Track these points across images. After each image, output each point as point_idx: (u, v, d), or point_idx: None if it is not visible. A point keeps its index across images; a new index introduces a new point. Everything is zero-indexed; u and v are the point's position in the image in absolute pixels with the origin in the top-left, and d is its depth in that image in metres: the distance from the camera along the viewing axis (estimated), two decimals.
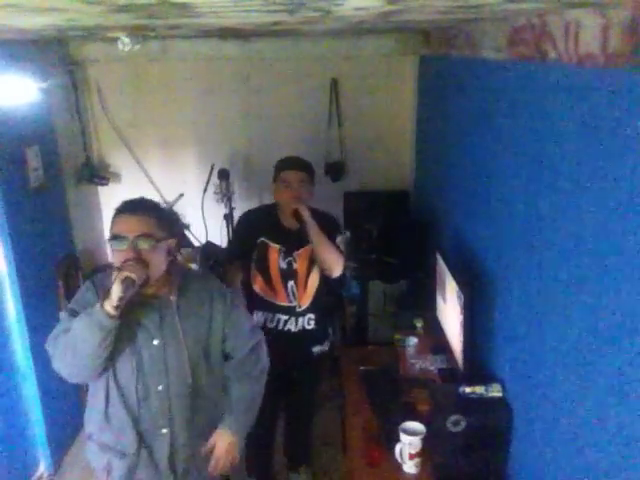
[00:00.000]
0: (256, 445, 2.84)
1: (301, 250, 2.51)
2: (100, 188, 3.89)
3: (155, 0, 1.09)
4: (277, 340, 2.51)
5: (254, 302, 2.56)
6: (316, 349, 2.63)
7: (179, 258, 3.65)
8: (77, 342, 1.66)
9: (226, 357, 1.97)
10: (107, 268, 1.90)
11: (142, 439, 1.82)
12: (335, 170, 3.83)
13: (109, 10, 1.28)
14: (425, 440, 1.99)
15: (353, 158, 3.90)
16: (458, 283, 2.18)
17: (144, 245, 1.68)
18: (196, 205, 3.71)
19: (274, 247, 2.50)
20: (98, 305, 1.63)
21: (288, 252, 2.50)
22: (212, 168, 3.67)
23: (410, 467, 2.00)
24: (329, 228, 2.49)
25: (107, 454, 1.84)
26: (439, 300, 2.59)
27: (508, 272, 2.03)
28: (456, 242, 2.76)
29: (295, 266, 2.51)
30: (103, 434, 1.84)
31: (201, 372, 1.86)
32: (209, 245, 3.77)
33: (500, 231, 2.11)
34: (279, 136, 3.79)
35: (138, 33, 2.43)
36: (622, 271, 1.27)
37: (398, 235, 3.41)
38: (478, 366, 2.24)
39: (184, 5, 1.20)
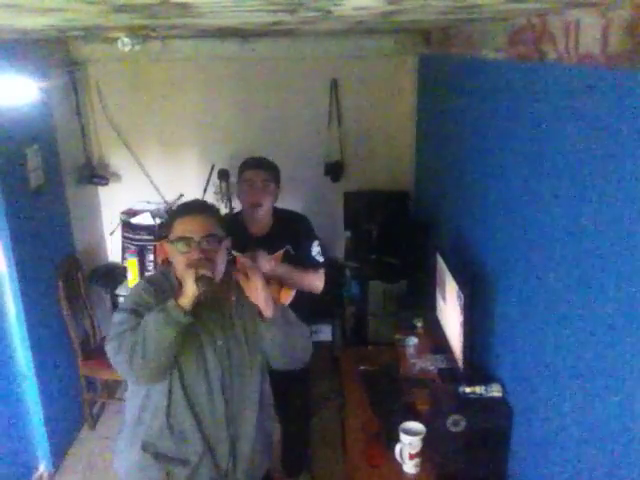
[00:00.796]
0: None
1: (270, 257, 2.35)
2: (100, 188, 3.89)
3: (155, 0, 1.09)
4: None
5: None
6: None
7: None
8: (150, 339, 1.60)
9: None
10: (161, 269, 1.90)
11: (207, 445, 1.75)
12: (335, 170, 3.83)
13: (109, 10, 1.28)
14: (425, 440, 1.99)
15: (353, 158, 3.90)
16: (458, 283, 2.18)
17: (211, 245, 1.70)
18: None
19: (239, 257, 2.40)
20: (172, 302, 1.60)
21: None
22: (212, 168, 3.67)
23: (410, 467, 2.00)
24: (304, 235, 2.42)
25: (166, 464, 1.76)
26: (439, 300, 2.59)
27: (508, 272, 2.03)
28: (456, 242, 2.76)
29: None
30: (163, 443, 1.75)
31: (263, 374, 1.85)
32: None
33: (500, 231, 2.11)
34: (279, 136, 3.79)
35: (138, 33, 2.44)
36: (622, 271, 1.27)
37: (398, 235, 3.41)
38: (478, 366, 2.23)
39: (184, 5, 1.20)
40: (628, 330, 1.25)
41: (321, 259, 2.49)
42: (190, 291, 1.60)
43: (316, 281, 2.44)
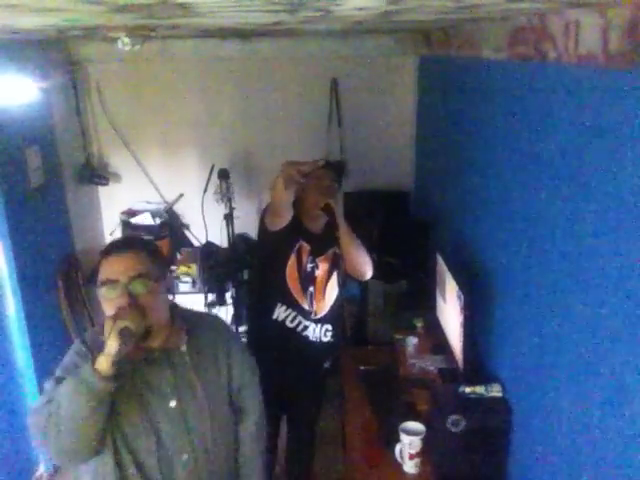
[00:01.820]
0: None
1: (323, 256, 2.44)
2: (100, 188, 3.89)
3: (155, 0, 1.09)
4: (292, 342, 2.44)
5: (282, 295, 2.41)
6: (326, 365, 2.56)
7: (179, 258, 3.63)
8: (63, 412, 1.35)
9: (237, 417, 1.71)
10: (96, 325, 1.64)
11: None
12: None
13: (109, 10, 1.28)
14: (425, 440, 1.99)
15: (353, 158, 3.90)
16: (458, 283, 2.18)
17: (140, 288, 1.43)
18: (196, 205, 3.71)
19: (306, 248, 2.41)
20: (88, 366, 1.35)
21: (313, 257, 2.43)
22: (212, 168, 3.67)
23: (410, 467, 1.99)
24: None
25: None
26: (439, 300, 2.59)
27: (508, 272, 2.03)
28: (456, 242, 2.76)
29: (316, 272, 2.43)
30: None
31: (228, 434, 1.64)
32: (209, 245, 3.78)
33: (500, 231, 2.11)
34: (279, 136, 3.79)
35: (138, 33, 2.43)
36: (622, 271, 1.27)
37: (398, 235, 3.41)
38: (478, 366, 2.23)
39: (184, 5, 1.20)
40: (628, 330, 1.25)
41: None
42: (110, 349, 1.33)
43: (369, 261, 2.46)
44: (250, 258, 3.59)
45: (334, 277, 2.49)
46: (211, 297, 3.73)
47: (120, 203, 3.90)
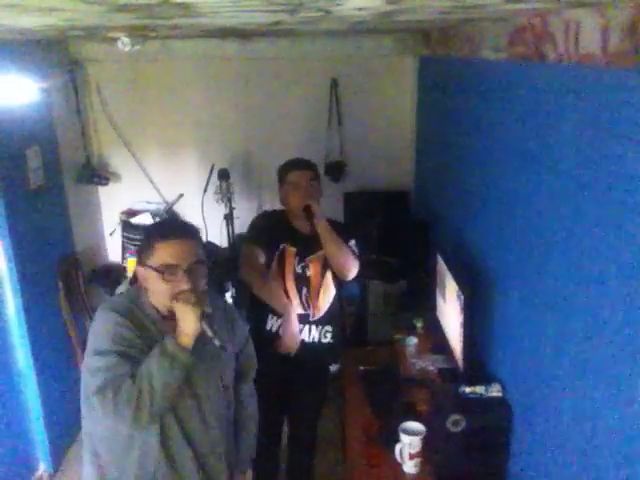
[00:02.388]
0: (262, 453, 2.82)
1: (314, 256, 2.42)
2: (100, 188, 3.89)
3: (155, 0, 1.09)
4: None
5: (269, 307, 2.44)
6: (333, 368, 2.55)
7: None
8: (158, 387, 1.48)
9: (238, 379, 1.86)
10: (126, 295, 1.72)
11: (204, 472, 1.69)
12: (335, 170, 3.83)
13: (109, 10, 1.29)
14: (425, 440, 1.99)
15: (353, 158, 3.90)
16: (458, 283, 2.18)
17: (200, 274, 1.58)
18: (196, 205, 3.71)
19: (291, 250, 2.41)
20: (173, 343, 1.49)
21: (301, 258, 2.42)
22: (212, 168, 3.67)
23: (410, 467, 2.00)
24: (340, 232, 2.40)
25: None
26: (439, 300, 2.59)
27: (508, 272, 2.03)
28: (456, 242, 2.76)
29: (308, 272, 2.43)
30: (162, 476, 1.62)
31: (230, 391, 1.79)
32: (209, 245, 3.78)
33: (500, 231, 2.11)
34: (279, 136, 3.79)
35: (138, 33, 2.44)
36: (622, 271, 1.27)
37: (398, 235, 3.41)
38: (478, 366, 2.23)
39: (184, 5, 1.20)
40: (628, 330, 1.25)
41: (357, 252, 2.48)
42: (193, 330, 1.50)
43: (351, 261, 2.41)
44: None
45: (328, 276, 2.48)
46: None
47: (120, 203, 3.90)
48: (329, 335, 2.50)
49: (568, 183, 1.52)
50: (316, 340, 2.48)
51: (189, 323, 1.50)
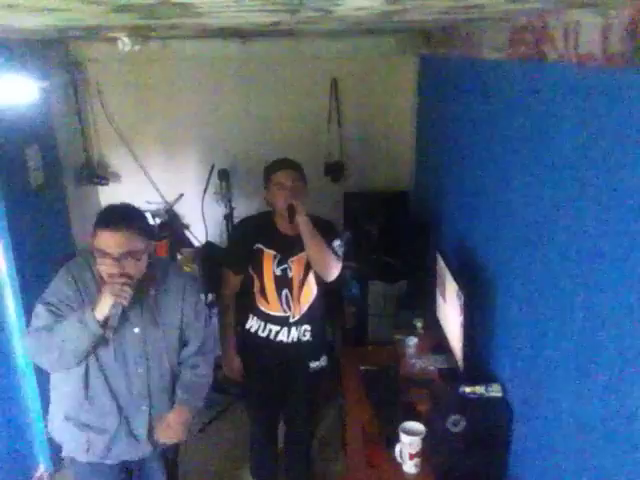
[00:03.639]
0: (259, 453, 2.83)
1: (296, 257, 2.43)
2: (100, 188, 3.89)
3: (155, 0, 1.09)
4: (270, 350, 2.51)
5: (250, 307, 2.50)
6: (313, 365, 2.56)
7: (179, 258, 3.65)
8: (68, 345, 1.80)
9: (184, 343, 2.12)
10: (81, 255, 2.04)
11: (122, 416, 1.98)
12: (335, 170, 3.83)
13: (109, 10, 1.29)
14: (425, 440, 1.99)
15: (353, 158, 3.90)
16: (458, 283, 2.18)
17: (130, 263, 1.81)
18: (196, 205, 3.71)
19: (268, 253, 2.41)
20: (89, 314, 1.77)
21: (283, 259, 2.42)
22: (212, 168, 3.67)
23: (410, 467, 2.00)
24: (324, 232, 2.40)
25: (87, 432, 1.98)
26: (439, 300, 2.59)
27: (508, 272, 2.03)
28: (456, 242, 2.77)
29: (290, 274, 2.43)
30: (83, 415, 1.97)
31: (175, 356, 2.05)
32: (209, 245, 3.77)
33: (500, 231, 2.11)
34: (279, 136, 3.79)
35: (138, 33, 2.43)
36: (622, 271, 1.27)
37: (398, 235, 3.41)
38: (478, 366, 2.24)
39: (184, 5, 1.20)
40: (628, 330, 1.25)
41: (340, 253, 2.47)
42: (106, 309, 1.78)
43: (332, 261, 2.40)
44: None
45: (311, 277, 2.49)
46: (211, 297, 3.73)
47: None
48: (308, 334, 2.53)
49: (568, 183, 1.52)
50: (295, 340, 2.51)
51: (103, 306, 1.77)
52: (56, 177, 3.26)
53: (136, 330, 1.94)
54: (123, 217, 1.86)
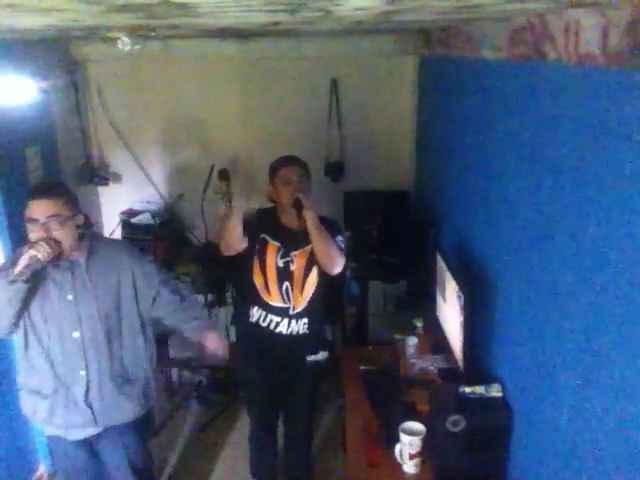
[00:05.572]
0: (258, 450, 2.84)
1: (299, 251, 2.46)
2: (100, 188, 3.89)
3: (155, 0, 1.09)
4: (270, 340, 2.53)
5: (252, 296, 2.52)
6: (310, 358, 2.57)
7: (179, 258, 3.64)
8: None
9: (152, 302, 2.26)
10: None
11: (59, 380, 2.11)
12: (335, 170, 3.83)
13: (109, 10, 1.29)
14: (425, 440, 1.99)
15: (353, 158, 3.90)
16: (458, 283, 2.18)
17: (56, 227, 1.95)
18: (196, 205, 3.72)
19: (273, 244, 2.46)
20: (11, 270, 1.91)
21: (286, 252, 2.46)
22: (212, 168, 3.67)
23: (410, 467, 2.00)
24: (327, 227, 2.43)
25: (33, 398, 2.15)
26: (439, 300, 2.59)
27: (508, 272, 2.03)
28: (456, 242, 2.77)
29: (292, 267, 2.46)
30: (28, 379, 2.15)
31: (112, 321, 2.15)
32: (209, 245, 3.78)
33: (500, 231, 2.11)
34: (279, 136, 3.79)
35: (138, 33, 2.43)
36: (623, 271, 1.27)
37: (398, 235, 3.41)
38: (478, 366, 2.24)
39: (184, 5, 1.20)
40: (628, 330, 1.25)
41: (343, 247, 2.50)
42: (19, 266, 1.89)
43: (337, 255, 2.42)
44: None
45: (313, 272, 2.50)
46: (211, 297, 3.73)
47: (120, 203, 3.89)
48: (305, 327, 2.54)
49: (568, 183, 1.52)
50: (294, 333, 2.52)
51: (21, 260, 1.89)
52: (56, 177, 3.26)
53: (69, 297, 2.06)
54: (47, 188, 2.10)
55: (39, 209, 1.96)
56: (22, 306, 1.99)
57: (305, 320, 2.53)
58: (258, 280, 2.50)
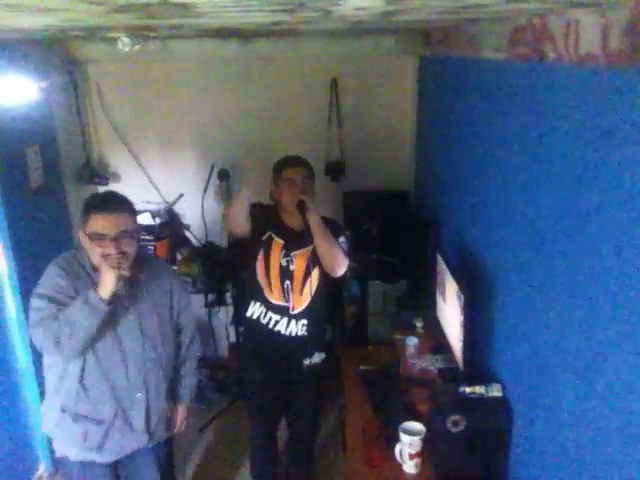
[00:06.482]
0: (259, 451, 2.83)
1: (300, 251, 2.46)
2: (100, 188, 3.89)
3: (155, 0, 1.09)
4: (269, 339, 2.53)
5: (254, 292, 2.53)
6: (306, 361, 2.55)
7: (179, 258, 3.66)
8: (78, 329, 1.82)
9: (178, 332, 2.22)
10: (72, 252, 2.06)
11: (119, 405, 2.00)
12: (335, 170, 3.83)
13: (109, 10, 1.29)
14: (425, 440, 1.99)
15: (353, 158, 3.90)
16: (458, 283, 2.18)
17: (126, 242, 1.88)
18: (196, 205, 3.71)
19: (277, 242, 2.46)
20: (93, 294, 1.81)
21: (288, 251, 2.47)
22: (212, 168, 3.67)
23: (410, 467, 2.00)
24: (330, 229, 2.44)
25: (83, 423, 1.99)
26: (439, 300, 2.59)
27: (508, 272, 2.03)
28: (456, 242, 2.77)
29: (292, 267, 2.46)
30: (79, 405, 1.98)
31: (167, 340, 2.11)
32: (209, 245, 3.78)
33: (500, 231, 2.11)
34: (279, 136, 3.79)
35: (138, 33, 2.43)
36: (622, 271, 1.27)
37: (398, 235, 3.41)
38: (478, 366, 2.24)
39: (184, 5, 1.20)
40: (628, 330, 1.25)
41: (346, 249, 2.51)
42: (111, 286, 1.82)
43: (341, 257, 2.44)
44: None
45: (315, 273, 2.50)
46: (211, 297, 3.73)
47: None
48: (304, 328, 2.53)
49: (568, 183, 1.52)
50: (292, 334, 2.52)
51: (108, 280, 1.82)
52: (56, 177, 3.26)
53: (131, 316, 1.98)
54: (113, 200, 1.96)
55: (108, 223, 1.86)
56: (101, 328, 1.88)
57: (305, 322, 2.52)
58: (261, 277, 2.50)
